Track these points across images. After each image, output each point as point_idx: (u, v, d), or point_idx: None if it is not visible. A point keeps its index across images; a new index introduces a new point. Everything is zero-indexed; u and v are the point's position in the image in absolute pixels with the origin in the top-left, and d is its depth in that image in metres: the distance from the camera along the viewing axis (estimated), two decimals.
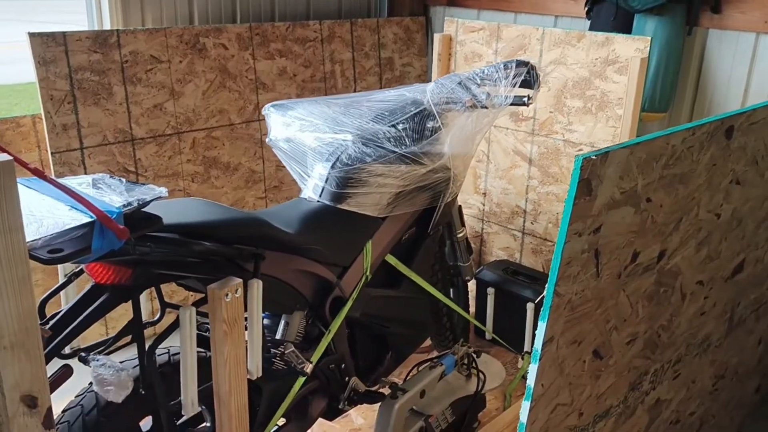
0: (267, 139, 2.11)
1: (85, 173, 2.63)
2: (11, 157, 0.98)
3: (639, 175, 1.27)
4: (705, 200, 1.55)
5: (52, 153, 2.52)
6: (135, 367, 1.45)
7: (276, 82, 3.21)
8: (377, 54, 3.65)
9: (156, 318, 1.66)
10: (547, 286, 1.20)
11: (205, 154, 2.99)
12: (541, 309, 1.21)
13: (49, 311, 1.45)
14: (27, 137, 2.61)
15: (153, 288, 1.51)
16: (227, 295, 1.39)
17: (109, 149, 2.68)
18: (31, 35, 2.41)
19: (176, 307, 1.66)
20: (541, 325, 1.22)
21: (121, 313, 2.14)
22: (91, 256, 1.22)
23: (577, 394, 1.43)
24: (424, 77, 3.92)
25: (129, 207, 1.25)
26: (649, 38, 2.43)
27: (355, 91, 3.58)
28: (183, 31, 2.83)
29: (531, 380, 1.26)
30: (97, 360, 1.29)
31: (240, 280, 1.43)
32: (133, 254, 1.26)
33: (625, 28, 3.05)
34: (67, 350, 1.53)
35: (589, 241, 1.23)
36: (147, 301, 2.05)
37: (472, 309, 2.88)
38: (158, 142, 2.83)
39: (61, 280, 1.54)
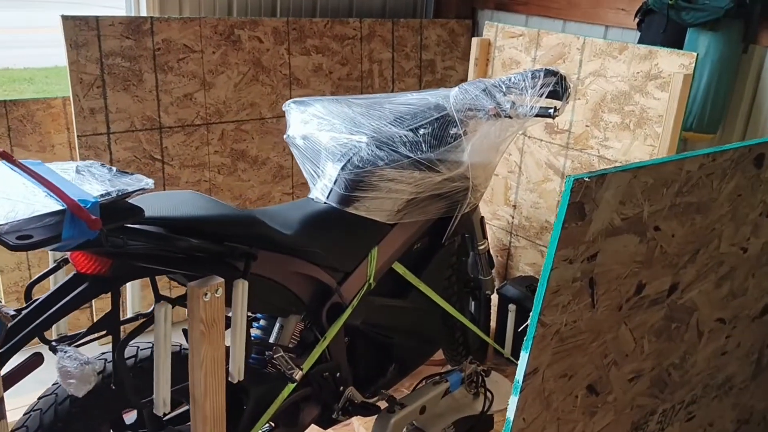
0: (285, 136, 2.06)
1: (111, 158, 2.64)
2: None
3: (645, 202, 1.16)
4: (728, 232, 1.42)
5: (78, 136, 2.54)
6: (110, 361, 1.42)
7: (311, 79, 3.17)
8: (418, 55, 3.58)
9: (149, 310, 1.63)
10: (531, 314, 1.11)
11: (233, 147, 2.98)
12: (525, 338, 1.12)
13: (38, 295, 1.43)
14: (57, 119, 2.64)
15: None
16: (206, 294, 1.35)
17: (135, 136, 2.69)
18: (64, 18, 2.44)
19: (169, 299, 1.64)
20: (524, 356, 1.13)
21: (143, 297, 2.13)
22: (63, 246, 1.19)
23: (567, 431, 1.33)
24: (466, 81, 3.81)
25: (106, 197, 1.21)
26: (695, 54, 2.28)
27: (392, 91, 3.52)
28: (218, 22, 2.82)
29: (510, 413, 1.17)
30: (65, 351, 1.26)
31: (221, 280, 1.38)
32: (106, 246, 1.23)
33: (677, 42, 2.89)
34: (54, 336, 1.52)
35: (583, 269, 1.13)
36: (138, 294, 2.02)
37: (493, 324, 2.78)
38: (186, 132, 2.82)
39: (51, 265, 1.52)
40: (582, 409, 1.33)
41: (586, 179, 1.02)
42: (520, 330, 2.41)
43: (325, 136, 1.95)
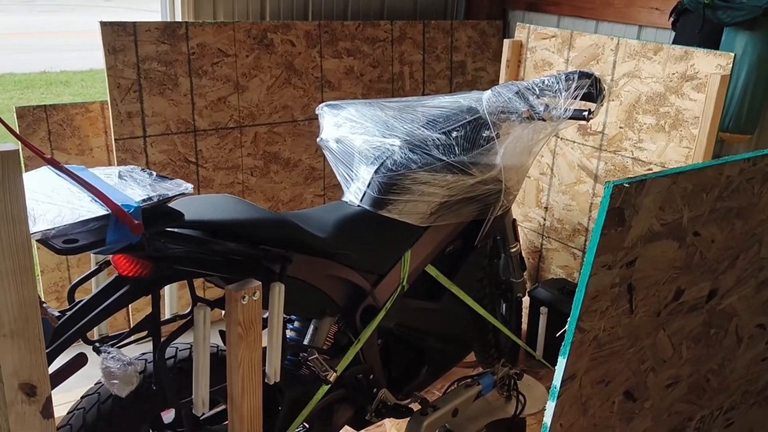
0: (318, 139, 2.08)
1: (147, 161, 2.69)
2: (17, 147, 0.98)
3: (684, 207, 1.15)
4: None
5: (115, 139, 2.60)
6: (151, 362, 1.45)
7: (342, 81, 3.19)
8: (449, 57, 3.58)
9: (186, 312, 1.66)
10: (569, 320, 1.10)
11: (265, 149, 3.01)
12: (563, 344, 1.12)
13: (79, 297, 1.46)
14: (95, 122, 2.70)
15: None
16: (244, 297, 1.37)
17: (171, 139, 2.73)
18: (103, 24, 2.49)
19: (208, 302, 1.67)
20: (561, 361, 1.13)
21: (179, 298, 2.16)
22: (107, 249, 1.22)
23: None
24: (497, 83, 3.80)
25: (148, 202, 1.24)
26: (733, 54, 2.25)
27: (423, 93, 3.52)
28: (251, 26, 2.85)
29: (548, 419, 1.17)
30: (108, 352, 1.29)
31: (258, 283, 1.40)
32: (148, 250, 1.25)
33: (713, 42, 2.84)
34: (96, 336, 1.55)
35: (621, 275, 1.12)
36: (175, 296, 2.06)
37: (524, 327, 2.77)
38: (220, 135, 2.86)
39: (93, 267, 1.56)
40: (619, 415, 1.32)
41: (626, 185, 1.01)
42: (558, 335, 2.39)
43: (359, 139, 1.97)
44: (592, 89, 1.98)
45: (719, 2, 2.69)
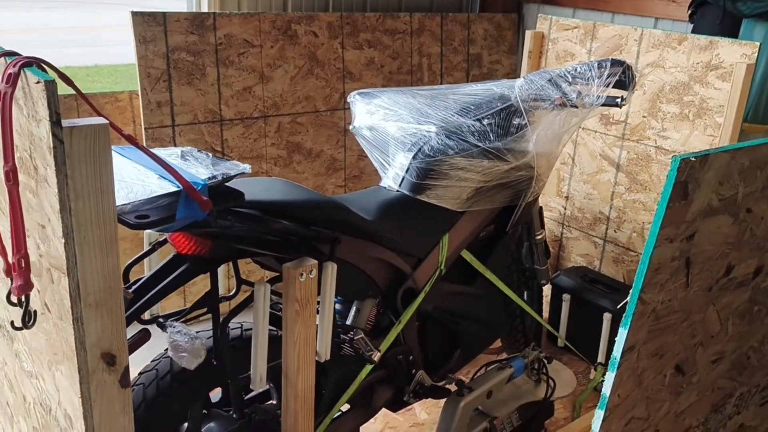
0: (351, 126, 2.11)
1: None
2: (107, 121, 1.01)
3: (740, 183, 1.19)
4: None
5: (145, 128, 2.62)
6: (209, 338, 1.48)
7: (363, 72, 3.22)
8: (466, 49, 3.61)
9: (231, 293, 1.69)
10: (631, 291, 1.14)
11: (289, 139, 3.04)
12: (624, 315, 1.16)
13: (132, 278, 1.50)
14: (124, 112, 2.72)
15: (230, 264, 1.53)
16: (302, 274, 1.40)
17: (198, 128, 2.76)
18: (134, 14, 2.51)
19: (251, 284, 1.70)
20: (622, 332, 1.17)
21: (199, 288, 2.20)
22: (175, 225, 1.25)
23: (655, 410, 1.36)
24: (513, 76, 3.85)
25: (214, 180, 1.27)
26: (758, 44, 2.29)
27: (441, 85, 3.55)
28: (276, 17, 2.88)
29: (607, 389, 1.21)
30: (174, 327, 1.32)
31: (315, 261, 1.44)
32: (214, 227, 1.28)
33: (732, 33, 2.88)
34: (146, 316, 1.58)
35: (681, 249, 1.16)
36: (223, 278, 2.08)
37: (545, 314, 2.81)
38: (245, 125, 2.89)
39: (146, 248, 1.59)
40: (669, 388, 1.36)
41: (692, 158, 1.05)
42: (618, 307, 2.45)
43: (393, 126, 2.00)
44: (624, 77, 2.02)
45: None
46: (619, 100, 1.98)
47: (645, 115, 2.60)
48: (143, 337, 1.35)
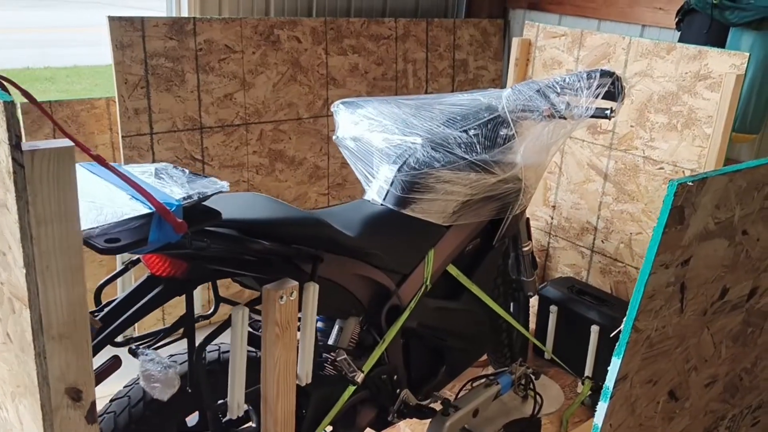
0: (334, 137, 2.06)
1: (153, 158, 2.64)
2: (71, 143, 0.95)
3: (737, 205, 1.15)
4: None
5: (122, 136, 2.54)
6: (183, 362, 1.42)
7: (347, 79, 3.16)
8: (451, 55, 3.57)
9: (209, 312, 1.63)
10: (625, 319, 1.09)
11: (271, 147, 2.97)
12: (617, 344, 1.11)
13: (105, 299, 1.43)
14: (100, 119, 2.64)
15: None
16: (282, 297, 1.34)
17: (177, 136, 2.68)
18: (111, 19, 2.43)
19: (231, 302, 1.63)
20: (615, 361, 1.12)
21: (179, 304, 2.13)
22: (148, 248, 1.19)
23: None
24: (498, 81, 3.81)
25: (189, 200, 1.21)
26: (747, 54, 2.26)
27: (426, 91, 3.51)
28: (258, 23, 2.81)
29: (599, 419, 1.16)
30: (146, 354, 1.25)
31: (296, 283, 1.38)
32: (189, 249, 1.22)
33: (719, 42, 2.86)
34: (120, 338, 1.51)
35: (676, 274, 1.12)
36: (200, 297, 2.01)
37: (532, 326, 2.77)
38: (226, 132, 2.82)
39: (119, 267, 1.52)
40: (662, 414, 1.32)
41: (690, 183, 1.01)
42: (612, 336, 2.36)
43: (378, 137, 1.95)
44: (613, 88, 1.98)
45: (727, 2, 2.71)
46: (608, 111, 1.94)
47: (633, 125, 2.57)
48: (113, 365, 1.28)
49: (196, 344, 1.37)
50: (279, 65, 2.92)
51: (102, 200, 1.18)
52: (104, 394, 1.48)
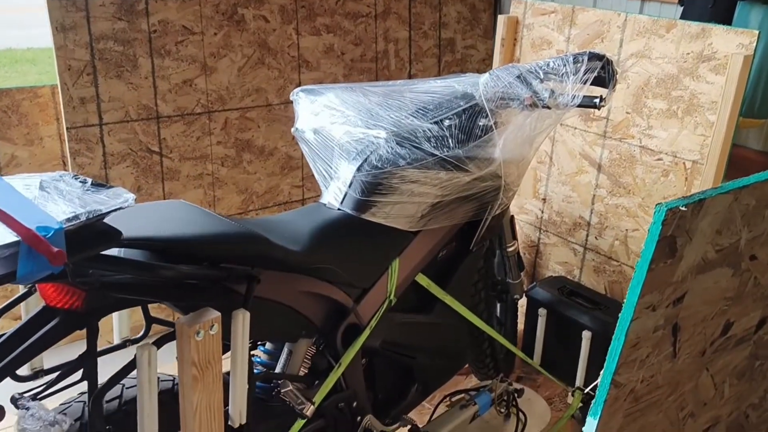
0: (293, 129, 1.83)
1: (104, 151, 2.42)
2: None
3: (743, 228, 0.92)
4: None
5: (68, 128, 2.32)
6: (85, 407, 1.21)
7: (321, 61, 2.92)
8: (437, 34, 3.31)
9: (140, 335, 1.42)
10: (602, 374, 0.88)
11: (237, 137, 2.74)
12: (593, 402, 0.89)
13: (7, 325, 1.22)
14: (45, 109, 2.42)
15: None
16: (198, 332, 1.13)
17: (131, 126, 2.46)
18: None
19: (166, 323, 1.42)
20: (591, 422, 0.91)
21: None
22: (22, 281, 0.98)
23: None
24: (489, 61, 3.56)
25: (74, 222, 0.99)
26: (756, 32, 2.02)
27: (409, 74, 3.26)
28: (219, 1, 2.57)
29: None
30: (27, 408, 1.04)
31: (217, 314, 1.16)
32: (72, 281, 1.00)
33: (724, 18, 2.61)
34: (25, 371, 1.30)
35: (666, 315, 0.89)
36: (127, 319, 1.80)
37: (520, 327, 2.56)
38: (186, 121, 2.59)
39: (21, 291, 1.31)
40: None
41: (682, 207, 0.78)
42: (587, 390, 2.13)
43: (339, 130, 1.72)
44: (604, 73, 1.74)
45: None
46: (597, 100, 1.70)
47: (629, 111, 2.33)
48: None
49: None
50: (244, 47, 2.68)
51: None
52: None
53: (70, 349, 1.34)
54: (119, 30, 2.36)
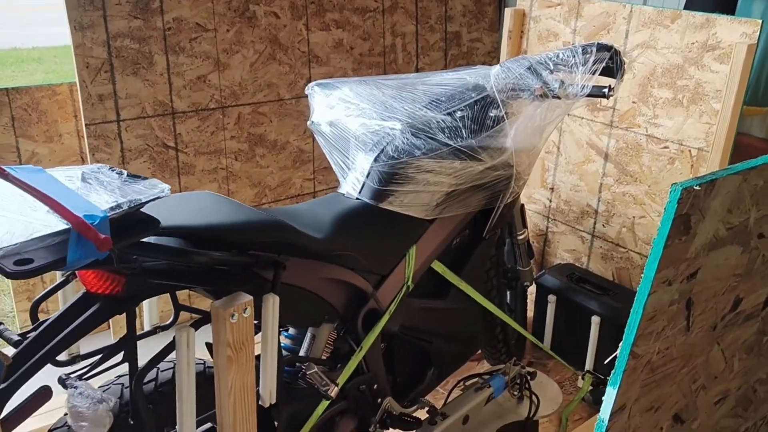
0: (308, 122, 1.89)
1: (122, 147, 2.47)
2: None
3: (752, 207, 0.98)
4: None
5: (86, 125, 2.37)
6: (127, 387, 1.27)
7: (331, 56, 2.97)
8: (443, 27, 3.36)
9: (168, 322, 1.48)
10: (621, 345, 0.93)
11: (250, 131, 2.80)
12: (612, 373, 0.95)
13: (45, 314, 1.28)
14: (63, 106, 2.47)
15: None
16: (233, 315, 1.18)
17: (147, 122, 2.51)
18: None
19: (194, 311, 1.48)
20: (611, 392, 0.96)
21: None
22: (69, 268, 1.03)
23: None
24: (494, 54, 3.60)
25: (116, 211, 1.04)
26: (760, 21, 2.06)
27: (416, 67, 3.31)
28: None
29: None
30: (75, 387, 1.10)
31: (249, 298, 1.22)
32: (117, 266, 1.06)
33: (727, 8, 2.66)
34: (64, 356, 1.36)
35: (681, 290, 0.95)
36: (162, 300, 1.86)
37: (530, 315, 2.62)
38: (201, 117, 2.65)
39: (59, 280, 1.37)
40: None
41: (696, 187, 0.84)
42: (606, 363, 2.19)
43: (355, 122, 1.77)
44: (612, 63, 1.79)
45: None
46: (606, 90, 1.75)
47: (635, 101, 2.38)
48: (42, 396, 1.13)
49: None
50: (256, 43, 2.73)
51: (13, 213, 1.02)
52: (35, 427, 1.34)
53: (98, 338, 1.40)
54: (135, 28, 2.41)
